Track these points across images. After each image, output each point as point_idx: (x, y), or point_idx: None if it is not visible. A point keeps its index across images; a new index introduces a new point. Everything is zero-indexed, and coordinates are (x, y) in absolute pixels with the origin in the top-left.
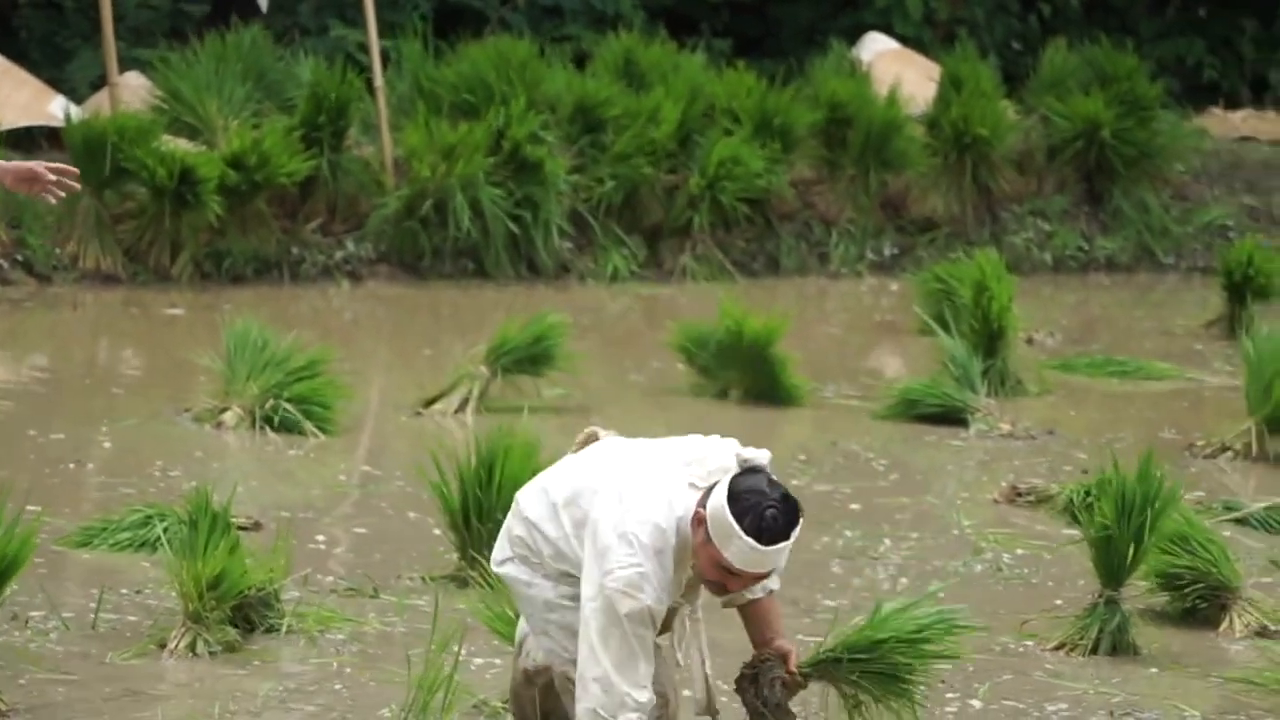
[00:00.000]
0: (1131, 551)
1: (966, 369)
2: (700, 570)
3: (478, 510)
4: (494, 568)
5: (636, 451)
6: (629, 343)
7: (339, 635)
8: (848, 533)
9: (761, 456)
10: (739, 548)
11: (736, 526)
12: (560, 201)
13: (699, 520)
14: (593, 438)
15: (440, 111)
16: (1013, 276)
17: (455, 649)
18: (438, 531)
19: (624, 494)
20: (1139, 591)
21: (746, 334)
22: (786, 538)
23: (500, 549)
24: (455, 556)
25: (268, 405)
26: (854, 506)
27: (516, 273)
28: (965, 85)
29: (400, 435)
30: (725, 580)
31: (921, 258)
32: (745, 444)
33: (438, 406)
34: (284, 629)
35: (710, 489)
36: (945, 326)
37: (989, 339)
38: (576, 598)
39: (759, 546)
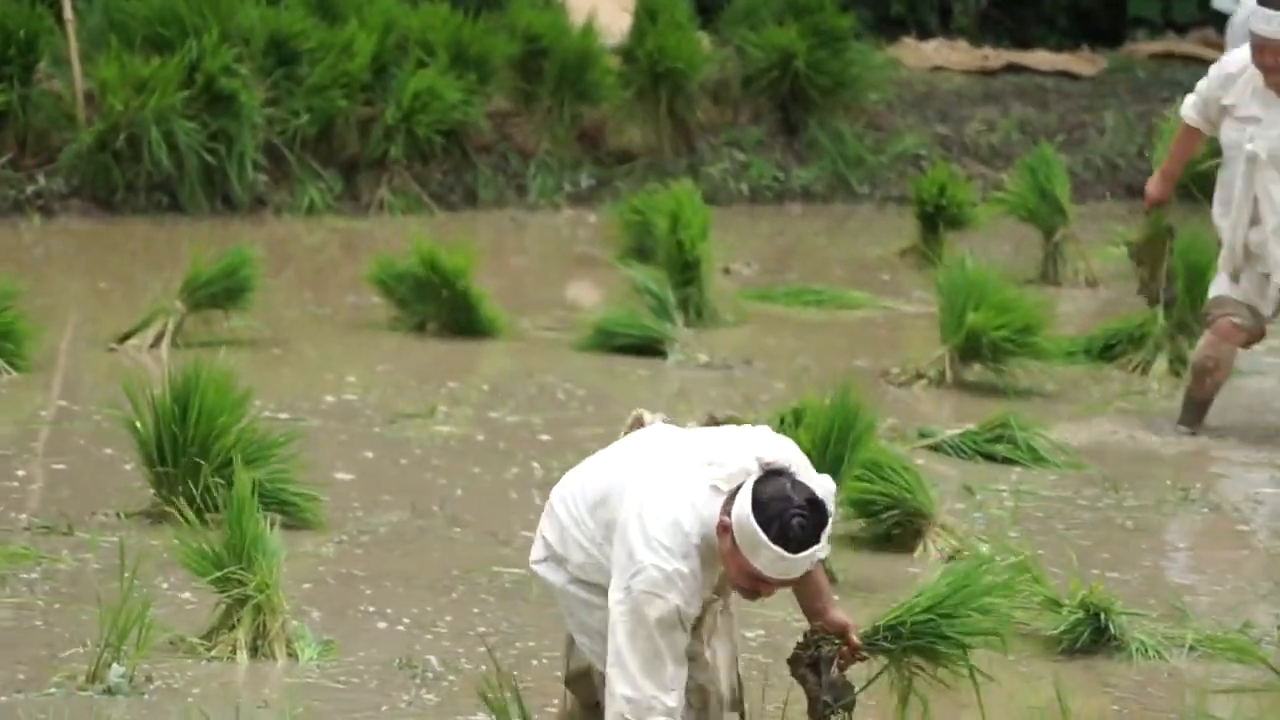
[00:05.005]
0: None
1: (663, 300)
2: (730, 577)
3: (173, 445)
4: (531, 565)
5: (664, 448)
6: (326, 276)
7: (33, 573)
8: (535, 464)
9: (783, 457)
10: (768, 557)
11: (763, 536)
12: (255, 135)
13: (724, 528)
14: (639, 422)
15: (132, 45)
16: (709, 207)
17: (149, 585)
18: (128, 467)
19: (646, 500)
20: (834, 518)
21: (441, 267)
22: (816, 542)
23: (536, 548)
24: (151, 492)
25: None
26: (544, 437)
27: (211, 207)
28: (660, 16)
29: (95, 371)
30: (756, 587)
31: (619, 189)
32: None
33: (132, 341)
34: None
35: (734, 493)
36: (644, 258)
37: (685, 270)
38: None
39: (788, 555)
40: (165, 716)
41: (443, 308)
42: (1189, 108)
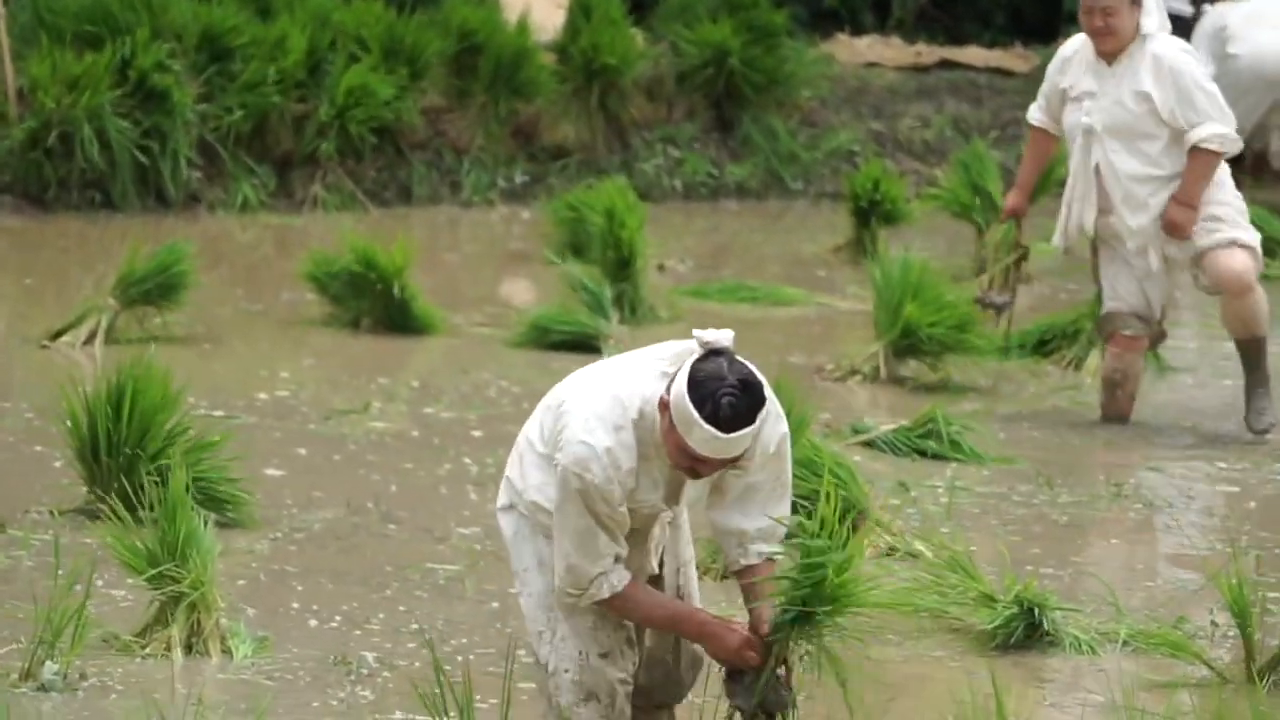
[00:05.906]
0: None
1: (597, 297)
2: (670, 456)
3: (107, 442)
4: (498, 511)
5: (624, 354)
6: (259, 273)
7: None
8: (468, 460)
9: (723, 338)
10: (700, 435)
11: (696, 414)
12: (188, 131)
13: (664, 406)
14: None
15: (64, 41)
16: (644, 204)
17: (84, 582)
18: (59, 464)
19: (593, 379)
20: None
21: (375, 264)
22: (749, 423)
23: (502, 494)
24: (84, 489)
25: None
26: (478, 433)
27: (144, 204)
28: (594, 13)
29: (27, 368)
30: (695, 466)
31: (553, 186)
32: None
33: (65, 339)
34: None
35: (676, 374)
36: (578, 254)
37: (619, 266)
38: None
39: (720, 434)
40: (99, 713)
41: (377, 304)
42: (1033, 110)
